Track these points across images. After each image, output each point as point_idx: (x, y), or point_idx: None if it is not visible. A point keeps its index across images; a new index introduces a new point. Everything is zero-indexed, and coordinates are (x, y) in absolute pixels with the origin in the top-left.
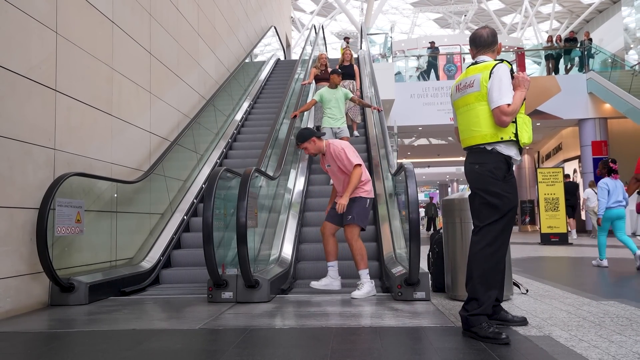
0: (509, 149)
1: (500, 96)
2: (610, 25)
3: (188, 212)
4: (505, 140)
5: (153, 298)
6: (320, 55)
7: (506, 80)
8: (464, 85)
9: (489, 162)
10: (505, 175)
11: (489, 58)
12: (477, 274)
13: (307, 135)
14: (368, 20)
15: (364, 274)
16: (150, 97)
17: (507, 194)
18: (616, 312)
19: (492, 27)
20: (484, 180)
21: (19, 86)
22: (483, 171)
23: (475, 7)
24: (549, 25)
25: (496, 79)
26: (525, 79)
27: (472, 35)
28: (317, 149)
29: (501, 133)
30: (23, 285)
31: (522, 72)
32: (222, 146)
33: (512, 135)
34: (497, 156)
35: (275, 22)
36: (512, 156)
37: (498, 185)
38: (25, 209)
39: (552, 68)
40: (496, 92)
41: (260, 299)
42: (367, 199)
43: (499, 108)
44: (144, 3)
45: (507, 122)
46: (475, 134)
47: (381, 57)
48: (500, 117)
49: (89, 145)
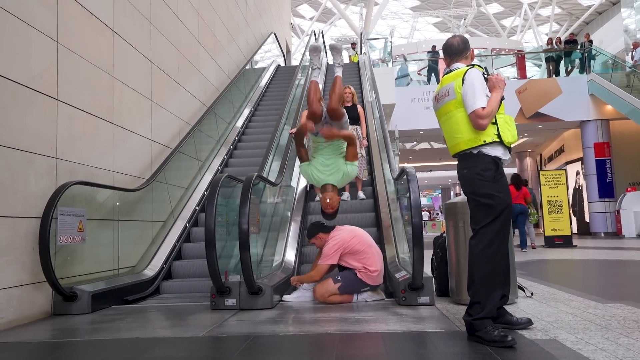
0: (494, 150)
1: (474, 101)
2: (610, 26)
3: (190, 219)
4: (489, 142)
5: (156, 306)
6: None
7: (478, 84)
8: (441, 95)
9: (476, 165)
10: (495, 175)
11: (462, 65)
12: (478, 276)
13: (313, 231)
14: (367, 25)
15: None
16: (151, 105)
17: (498, 194)
18: (622, 315)
19: (462, 35)
20: (473, 183)
21: (20, 96)
22: (471, 174)
23: (474, 11)
24: (548, 27)
25: (468, 84)
26: (499, 80)
27: (443, 45)
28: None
29: (482, 136)
30: (26, 295)
31: (496, 74)
32: (224, 153)
33: (494, 136)
34: (484, 158)
35: (275, 28)
36: (499, 156)
37: (488, 186)
38: (27, 218)
39: (552, 70)
40: (470, 97)
41: (263, 306)
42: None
43: (474, 112)
44: (144, 11)
45: (484, 125)
46: (459, 140)
47: (381, 61)
48: (477, 121)
49: (90, 153)
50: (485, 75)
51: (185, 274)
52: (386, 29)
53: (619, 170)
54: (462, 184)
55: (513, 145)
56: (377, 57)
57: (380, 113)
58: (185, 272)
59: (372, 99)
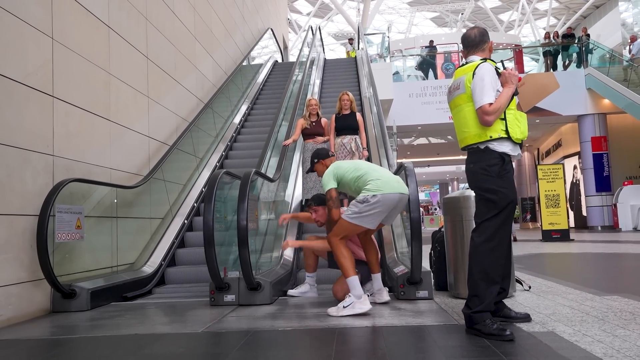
0: (502, 146)
1: (481, 96)
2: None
3: (189, 215)
4: (495, 138)
5: (155, 303)
6: (309, 102)
7: (488, 79)
8: (453, 87)
9: (482, 160)
10: (500, 171)
11: (477, 58)
12: (478, 269)
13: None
14: (365, 20)
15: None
16: (148, 102)
17: (502, 189)
18: (619, 307)
19: (482, 27)
20: (478, 177)
21: (16, 93)
22: (477, 169)
23: (472, 5)
24: (546, 21)
25: (478, 79)
26: (512, 75)
27: (462, 36)
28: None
29: (489, 132)
30: (24, 292)
31: (510, 68)
32: (222, 149)
33: (501, 132)
34: (491, 153)
35: (272, 24)
36: (508, 152)
37: (492, 181)
38: (25, 215)
39: (550, 64)
40: (478, 92)
41: (262, 301)
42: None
43: (481, 108)
44: (140, 7)
45: (490, 122)
46: (466, 134)
47: (379, 57)
48: (483, 117)
49: (87, 150)
50: (500, 69)
51: (188, 261)
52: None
53: (616, 164)
54: (468, 178)
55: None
56: (375, 52)
57: (378, 109)
58: (189, 259)
59: (369, 95)
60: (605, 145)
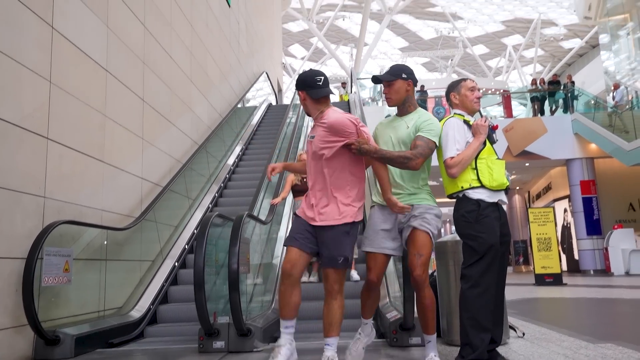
0: (477, 193)
1: (445, 151)
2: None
3: (179, 258)
4: (467, 188)
5: (142, 349)
6: (300, 158)
7: (451, 134)
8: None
9: (461, 207)
10: (477, 217)
11: (456, 110)
12: (467, 316)
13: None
14: (357, 65)
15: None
16: (143, 143)
17: (481, 234)
18: (613, 355)
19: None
20: (459, 224)
21: (10, 135)
22: (457, 216)
23: (461, 52)
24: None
25: (443, 134)
26: (481, 126)
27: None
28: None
29: (460, 182)
30: (6, 339)
31: (485, 117)
32: (214, 190)
33: (472, 182)
34: (468, 201)
35: (267, 67)
36: (484, 199)
37: (470, 227)
38: (11, 259)
39: (537, 109)
40: (443, 147)
41: (253, 348)
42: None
43: (445, 162)
44: (138, 52)
45: (454, 174)
46: (445, 185)
47: (371, 100)
48: (447, 170)
49: (79, 192)
50: (471, 121)
51: (171, 319)
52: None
53: (605, 207)
54: (455, 225)
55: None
56: (367, 95)
57: None
58: (172, 316)
59: None
60: (594, 188)
